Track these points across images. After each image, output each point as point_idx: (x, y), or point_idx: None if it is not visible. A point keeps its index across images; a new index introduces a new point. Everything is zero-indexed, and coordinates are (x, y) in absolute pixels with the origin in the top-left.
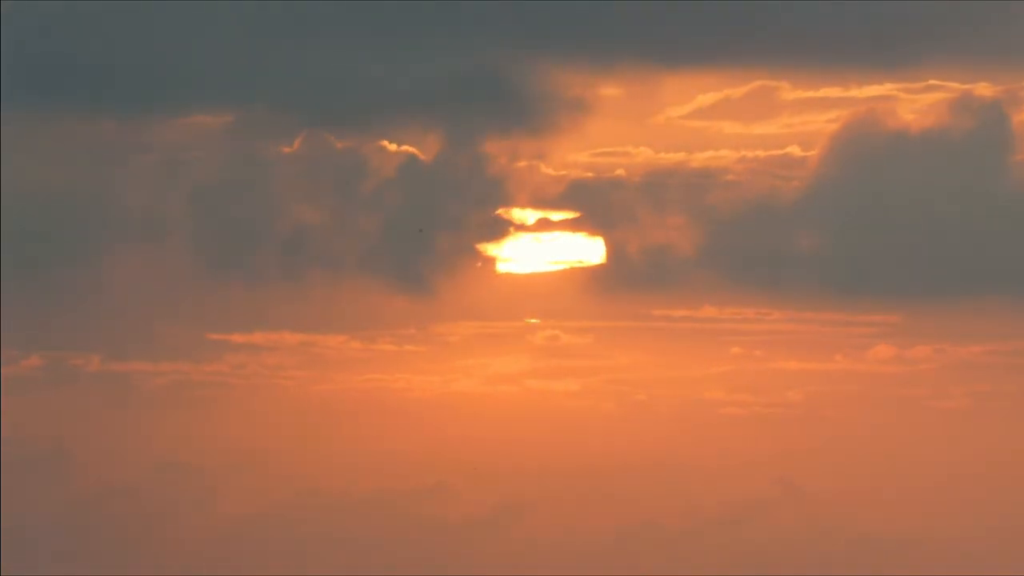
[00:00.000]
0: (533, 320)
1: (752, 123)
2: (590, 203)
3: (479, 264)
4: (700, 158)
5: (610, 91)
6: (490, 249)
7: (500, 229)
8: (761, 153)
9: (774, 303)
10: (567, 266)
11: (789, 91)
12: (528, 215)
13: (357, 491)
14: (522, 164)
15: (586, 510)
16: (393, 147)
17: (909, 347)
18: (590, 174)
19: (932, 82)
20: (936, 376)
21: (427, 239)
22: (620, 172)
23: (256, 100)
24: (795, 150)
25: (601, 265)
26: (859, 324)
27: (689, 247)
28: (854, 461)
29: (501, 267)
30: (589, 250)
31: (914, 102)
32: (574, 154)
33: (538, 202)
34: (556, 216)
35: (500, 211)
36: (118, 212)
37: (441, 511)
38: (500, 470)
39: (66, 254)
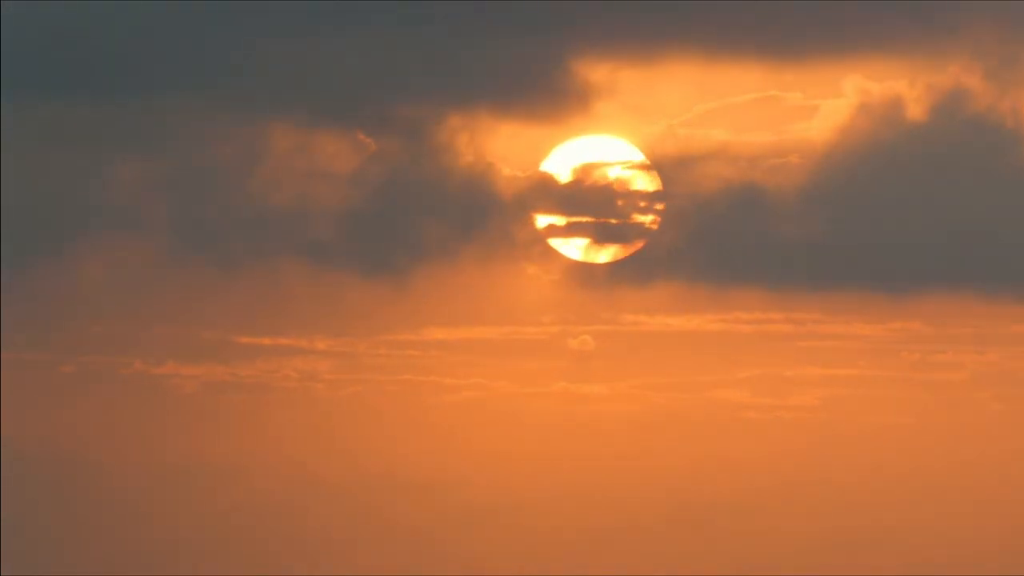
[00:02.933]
0: (562, 325)
1: (762, 126)
2: (612, 208)
3: (507, 269)
4: (715, 161)
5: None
6: (518, 254)
7: (526, 234)
8: (777, 156)
9: (802, 307)
10: (594, 270)
11: (797, 99)
12: (553, 219)
13: (377, 489)
14: (542, 167)
15: (595, 509)
16: (414, 148)
17: (935, 352)
18: (609, 176)
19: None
20: (963, 381)
21: (452, 243)
22: (638, 176)
23: (266, 97)
24: (809, 153)
25: (631, 269)
26: (886, 329)
27: (717, 252)
28: (875, 465)
29: (529, 271)
30: (615, 254)
31: (922, 101)
32: (597, 152)
33: (559, 207)
34: (579, 220)
35: (524, 215)
36: (134, 213)
37: (457, 509)
38: (518, 470)
39: (79, 254)
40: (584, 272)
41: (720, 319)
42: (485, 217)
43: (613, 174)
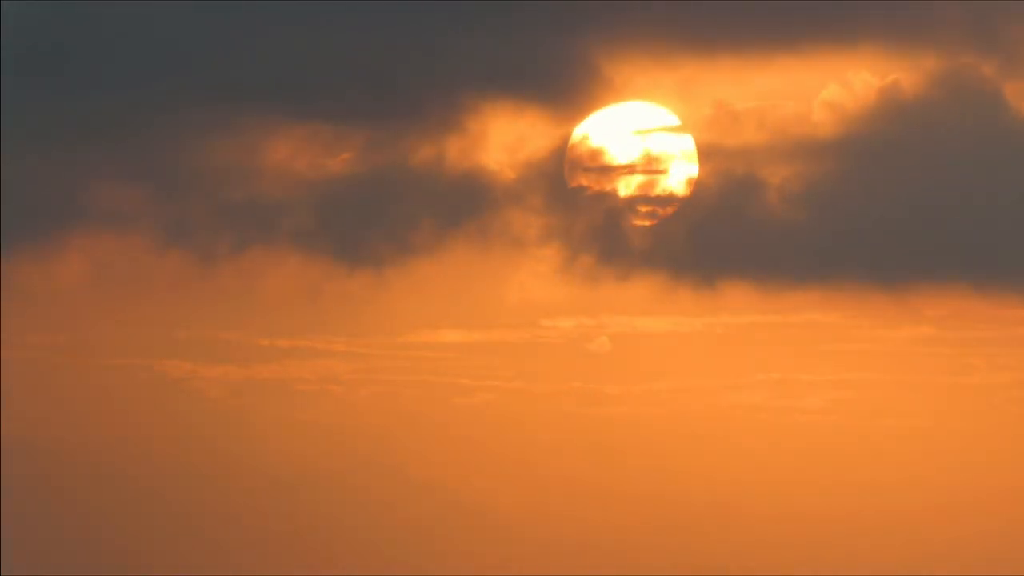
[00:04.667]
0: (579, 328)
1: (786, 122)
2: (626, 208)
3: (522, 270)
4: (720, 159)
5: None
6: (534, 255)
7: (541, 234)
8: (784, 155)
9: (816, 309)
10: (608, 271)
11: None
12: (567, 219)
13: (393, 490)
14: (552, 167)
15: (608, 511)
16: (417, 146)
17: (947, 356)
18: (622, 173)
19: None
20: (976, 384)
21: (474, 241)
22: (650, 174)
23: (267, 92)
24: (818, 152)
25: (645, 270)
26: (899, 332)
27: (730, 253)
28: (890, 468)
29: (545, 273)
30: (637, 255)
31: (933, 93)
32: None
33: (572, 205)
34: (590, 220)
35: (539, 216)
36: (154, 215)
37: (473, 509)
38: (534, 472)
39: (91, 255)
40: (598, 273)
41: (734, 321)
42: (501, 218)
43: (626, 170)
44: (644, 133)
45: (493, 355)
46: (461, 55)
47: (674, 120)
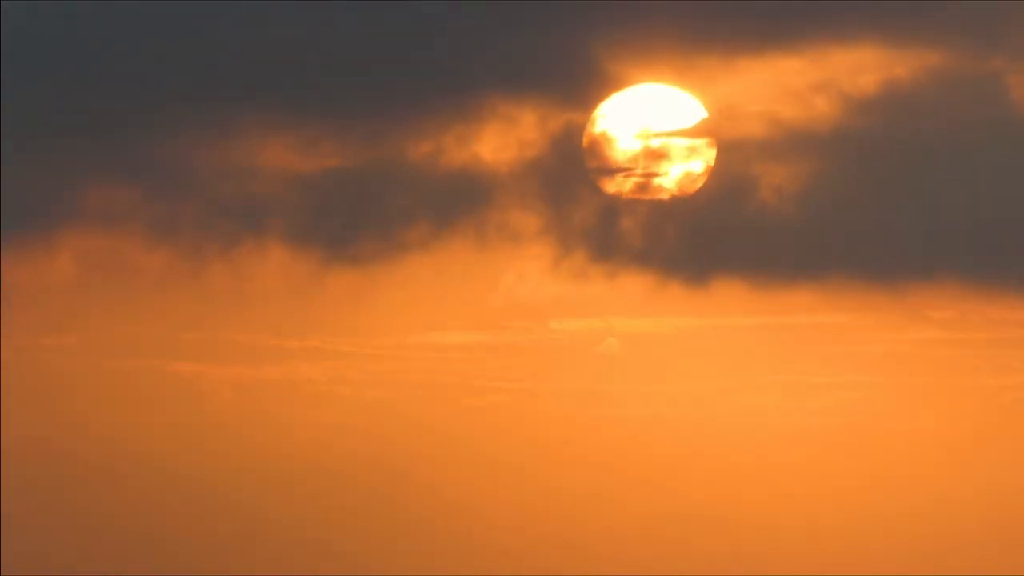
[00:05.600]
0: (588, 329)
1: (797, 119)
2: (632, 206)
3: (531, 270)
4: (726, 157)
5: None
6: (541, 255)
7: (554, 230)
8: (807, 148)
9: (831, 309)
10: (616, 272)
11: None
12: (574, 218)
13: (400, 490)
14: (556, 166)
15: (618, 512)
16: (418, 144)
17: (954, 357)
18: (647, 171)
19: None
20: (984, 385)
21: (479, 241)
22: (657, 171)
23: (283, 91)
24: (847, 137)
25: (652, 270)
26: (906, 333)
27: (742, 252)
28: (901, 470)
29: (553, 273)
30: (650, 255)
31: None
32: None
33: (577, 205)
34: (597, 218)
35: (545, 216)
36: (154, 214)
37: (483, 510)
38: (543, 473)
39: (99, 255)
40: (604, 273)
41: (742, 323)
42: (505, 215)
43: (627, 168)
44: (648, 136)
45: (501, 356)
46: (459, 50)
47: (678, 109)
